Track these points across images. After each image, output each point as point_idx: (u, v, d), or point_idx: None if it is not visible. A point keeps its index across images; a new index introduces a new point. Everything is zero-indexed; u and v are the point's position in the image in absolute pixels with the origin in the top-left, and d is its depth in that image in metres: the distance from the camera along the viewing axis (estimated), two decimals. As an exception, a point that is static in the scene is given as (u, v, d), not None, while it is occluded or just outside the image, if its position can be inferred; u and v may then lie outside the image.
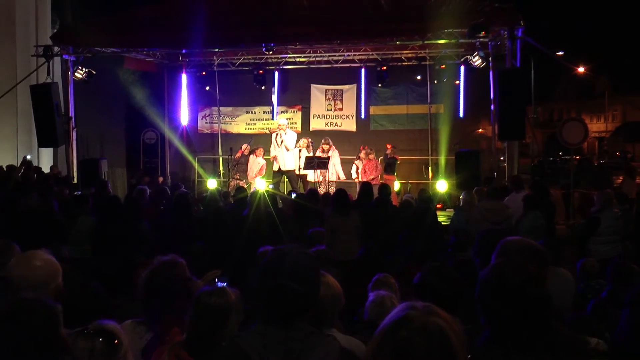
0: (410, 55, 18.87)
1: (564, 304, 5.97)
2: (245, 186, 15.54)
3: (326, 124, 20.75)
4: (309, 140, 17.77)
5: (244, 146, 18.72)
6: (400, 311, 2.04)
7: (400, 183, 18.42)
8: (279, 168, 17.18)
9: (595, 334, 4.36)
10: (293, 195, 11.94)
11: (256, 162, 18.36)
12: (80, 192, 13.57)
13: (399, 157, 17.88)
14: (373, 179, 16.42)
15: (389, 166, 17.32)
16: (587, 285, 6.92)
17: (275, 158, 17.30)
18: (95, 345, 2.75)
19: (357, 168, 17.61)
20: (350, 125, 20.69)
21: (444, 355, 1.93)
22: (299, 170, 16.77)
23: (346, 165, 18.27)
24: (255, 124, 21.46)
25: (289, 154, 17.00)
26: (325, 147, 17.58)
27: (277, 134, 17.20)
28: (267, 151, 18.37)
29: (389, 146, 17.80)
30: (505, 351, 2.62)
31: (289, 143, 16.95)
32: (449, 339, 1.95)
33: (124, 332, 3.00)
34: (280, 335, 2.53)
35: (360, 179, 16.92)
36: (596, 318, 5.16)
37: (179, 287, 3.82)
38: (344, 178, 17.89)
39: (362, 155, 17.56)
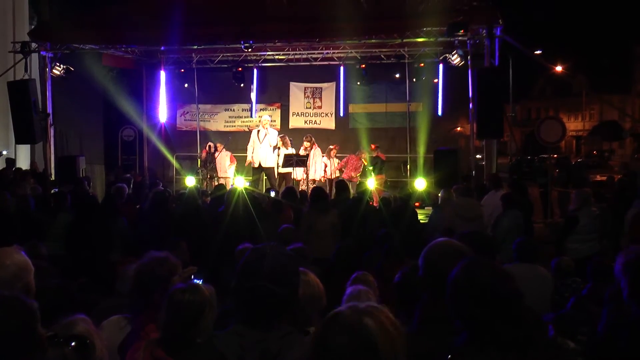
0: (389, 53, 18.83)
1: (542, 302, 6.01)
2: (223, 183, 15.47)
3: (305, 122, 20.76)
4: (285, 137, 17.62)
5: (219, 146, 18.61)
6: (338, 309, 2.06)
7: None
8: (259, 164, 17.04)
9: (576, 331, 4.38)
10: (272, 193, 11.90)
11: (223, 156, 18.37)
12: (57, 189, 13.46)
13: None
14: (353, 178, 16.54)
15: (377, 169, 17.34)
16: (563, 283, 6.95)
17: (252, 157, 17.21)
18: (67, 353, 2.69)
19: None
20: (329, 123, 20.71)
21: (366, 356, 1.93)
22: (278, 168, 16.71)
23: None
24: (234, 122, 21.44)
25: (270, 151, 16.91)
26: (307, 144, 17.32)
27: (258, 130, 17.10)
28: (241, 149, 18.33)
29: (372, 146, 17.86)
30: (483, 350, 2.59)
31: (272, 140, 16.87)
32: (374, 341, 1.94)
33: (98, 332, 2.94)
34: (257, 336, 2.51)
35: (332, 175, 17.20)
36: (577, 316, 5.18)
37: (163, 284, 3.80)
38: (319, 178, 17.60)
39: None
